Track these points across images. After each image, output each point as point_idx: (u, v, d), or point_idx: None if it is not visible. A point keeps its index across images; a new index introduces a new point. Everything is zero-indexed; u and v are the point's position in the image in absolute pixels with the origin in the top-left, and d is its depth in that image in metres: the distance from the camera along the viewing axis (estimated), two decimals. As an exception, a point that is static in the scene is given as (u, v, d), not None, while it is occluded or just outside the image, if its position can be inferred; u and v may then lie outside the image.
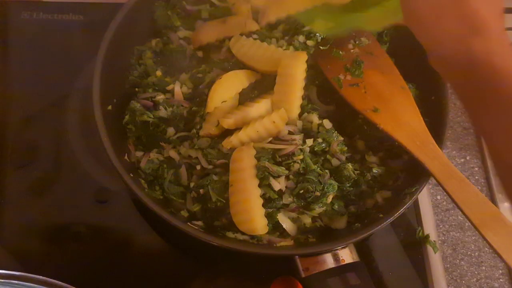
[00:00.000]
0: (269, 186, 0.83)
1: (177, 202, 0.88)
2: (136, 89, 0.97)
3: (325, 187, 0.84)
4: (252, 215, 0.80)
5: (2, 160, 1.03)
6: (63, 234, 0.97)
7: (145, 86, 0.96)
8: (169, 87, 0.95)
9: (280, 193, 0.84)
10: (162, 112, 0.92)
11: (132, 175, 0.84)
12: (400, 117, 0.88)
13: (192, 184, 0.88)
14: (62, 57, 1.13)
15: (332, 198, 0.86)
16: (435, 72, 0.92)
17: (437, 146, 0.84)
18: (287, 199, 0.84)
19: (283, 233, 0.85)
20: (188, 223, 0.83)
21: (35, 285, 0.75)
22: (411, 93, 0.91)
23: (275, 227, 0.84)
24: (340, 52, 0.95)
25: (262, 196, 0.82)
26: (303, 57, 0.87)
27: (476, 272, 1.00)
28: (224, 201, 0.84)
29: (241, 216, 0.81)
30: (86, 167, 1.02)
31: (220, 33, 0.98)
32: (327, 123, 0.90)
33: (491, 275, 1.00)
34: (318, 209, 0.85)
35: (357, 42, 0.97)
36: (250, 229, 0.81)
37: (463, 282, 0.99)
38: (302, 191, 0.84)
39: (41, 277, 0.76)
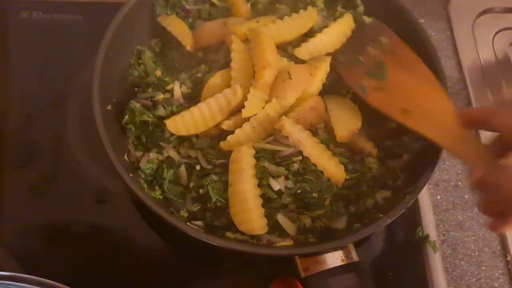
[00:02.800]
0: (269, 186, 0.83)
1: (176, 202, 0.88)
2: (136, 89, 0.97)
3: (323, 189, 0.83)
4: (251, 215, 0.80)
5: (2, 160, 1.03)
6: (63, 234, 0.97)
7: (145, 86, 0.96)
8: (169, 87, 0.95)
9: (280, 193, 0.84)
10: (161, 112, 0.91)
11: (131, 175, 0.84)
12: (432, 115, 0.83)
13: (191, 184, 0.88)
14: (62, 57, 1.13)
15: (331, 200, 0.86)
16: (438, 71, 0.93)
17: (472, 133, 0.81)
18: (286, 199, 0.84)
19: (282, 233, 0.85)
20: (188, 223, 0.83)
21: (32, 286, 0.75)
22: (440, 85, 0.87)
23: (274, 227, 0.84)
24: (361, 58, 0.92)
25: (262, 196, 0.82)
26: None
27: (476, 272, 1.00)
28: (224, 201, 0.84)
29: (241, 216, 0.81)
30: (86, 167, 1.02)
31: (220, 36, 0.98)
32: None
33: (491, 275, 1.00)
34: (317, 211, 0.85)
35: (376, 43, 0.94)
36: (249, 229, 0.81)
37: (463, 282, 0.99)
38: (299, 191, 0.84)
39: (39, 278, 0.76)
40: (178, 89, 0.94)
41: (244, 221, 0.81)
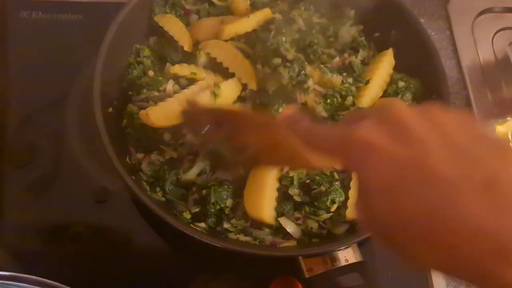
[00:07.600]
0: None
1: (178, 204, 0.88)
2: (130, 92, 0.95)
3: (332, 188, 0.83)
4: (263, 202, 0.81)
5: (1, 160, 1.02)
6: (62, 234, 0.96)
7: (138, 87, 0.94)
8: (162, 87, 0.94)
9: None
10: None
11: (133, 178, 0.83)
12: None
13: (198, 180, 0.87)
14: (62, 57, 1.12)
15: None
16: (438, 71, 0.93)
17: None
18: (293, 191, 0.84)
19: (286, 235, 0.85)
20: (191, 225, 0.83)
21: (32, 286, 0.75)
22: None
23: (278, 229, 0.84)
24: None
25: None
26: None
27: (476, 272, 1.00)
28: (223, 206, 0.84)
29: (253, 199, 0.82)
30: (85, 166, 1.01)
31: (218, 33, 0.98)
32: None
33: (491, 274, 1.00)
34: (323, 215, 0.84)
35: None
36: (258, 213, 0.82)
37: (463, 281, 0.99)
38: (308, 180, 0.83)
39: (39, 278, 0.76)
40: (170, 87, 0.93)
41: (255, 205, 0.81)
